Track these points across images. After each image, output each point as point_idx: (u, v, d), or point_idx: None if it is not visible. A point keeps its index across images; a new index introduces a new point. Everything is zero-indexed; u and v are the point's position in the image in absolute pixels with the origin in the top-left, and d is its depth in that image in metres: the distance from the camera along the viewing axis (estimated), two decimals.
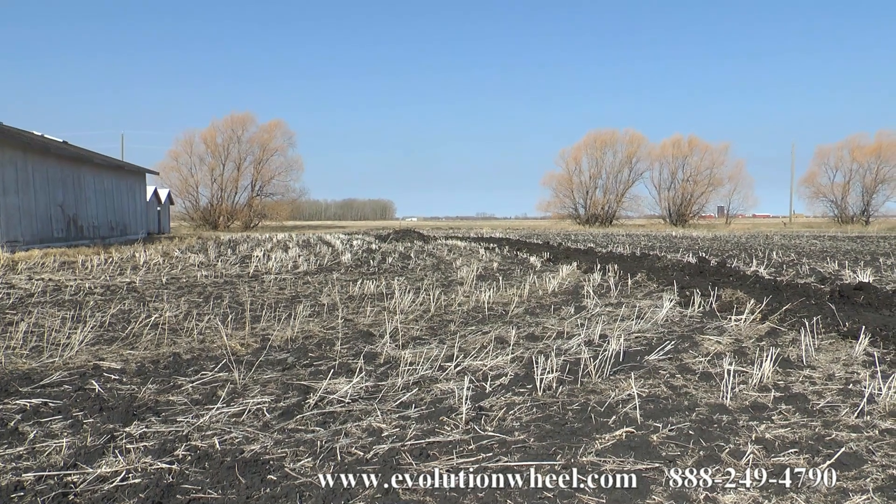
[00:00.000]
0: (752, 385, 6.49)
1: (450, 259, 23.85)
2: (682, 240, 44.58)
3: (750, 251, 28.66)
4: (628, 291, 13.99)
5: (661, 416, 5.51)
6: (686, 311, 10.85)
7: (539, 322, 10.17)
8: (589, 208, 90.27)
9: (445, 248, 30.57)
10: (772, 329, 9.32)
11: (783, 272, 18.38)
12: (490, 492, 4.06)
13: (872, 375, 6.70)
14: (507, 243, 36.33)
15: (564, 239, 44.61)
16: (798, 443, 5.01)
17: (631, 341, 8.53)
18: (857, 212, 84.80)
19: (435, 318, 10.71)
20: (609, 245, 34.90)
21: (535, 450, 4.76)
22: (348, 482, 4.18)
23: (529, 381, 6.53)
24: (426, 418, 5.46)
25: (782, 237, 48.51)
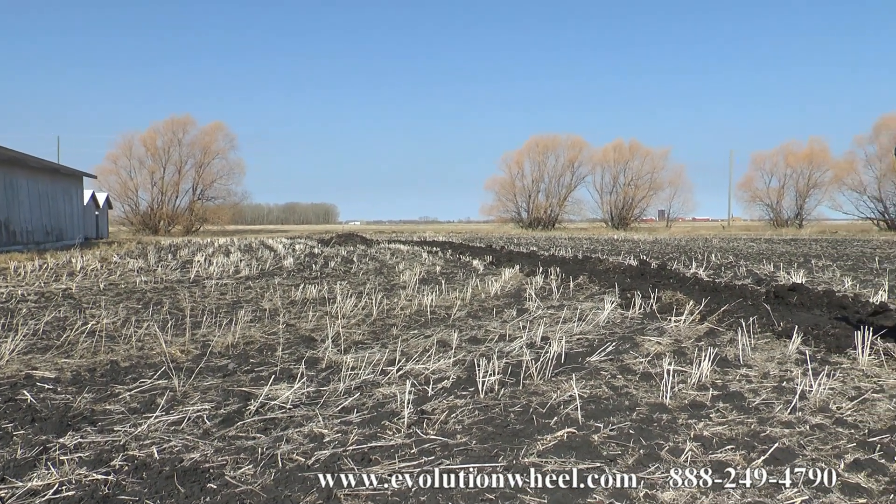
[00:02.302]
0: (690, 384, 6.60)
1: (393, 263, 23.81)
2: (624, 243, 45.14)
3: (690, 254, 29.12)
4: (570, 294, 14.11)
5: (602, 417, 5.57)
6: (627, 313, 10.98)
7: (481, 325, 10.21)
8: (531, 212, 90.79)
9: (388, 252, 30.50)
10: (710, 329, 9.49)
11: (721, 274, 18.72)
12: (432, 495, 4.06)
13: (804, 373, 6.87)
14: (450, 247, 36.37)
15: (507, 242, 44.84)
16: (734, 439, 5.11)
17: (573, 343, 8.60)
18: (791, 215, 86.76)
19: (377, 322, 10.68)
20: (551, 248, 35.17)
21: (477, 452, 4.77)
22: (289, 489, 4.15)
23: (471, 383, 6.54)
24: (368, 423, 5.44)
25: (721, 240, 49.35)
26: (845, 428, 5.42)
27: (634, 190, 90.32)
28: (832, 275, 18.37)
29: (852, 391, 6.47)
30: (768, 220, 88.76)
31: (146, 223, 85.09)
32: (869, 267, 21.39)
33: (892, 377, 6.99)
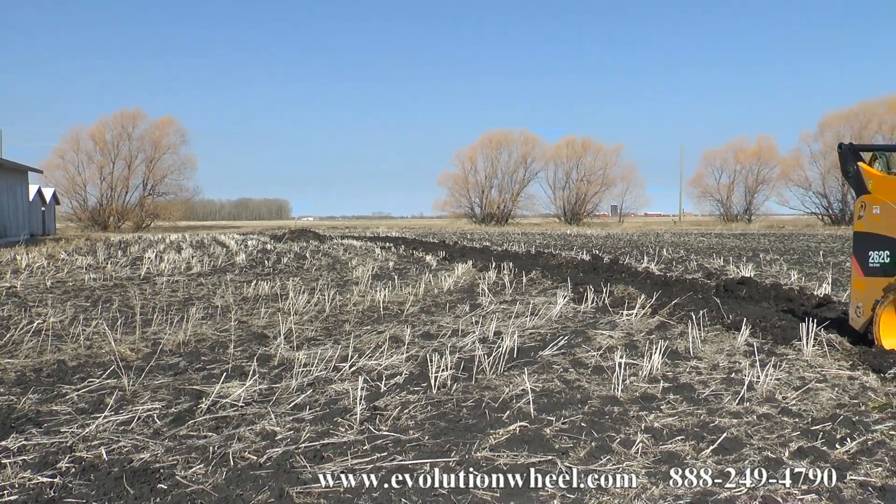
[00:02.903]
0: (642, 377, 6.69)
1: (345, 259, 23.73)
2: (577, 238, 45.49)
3: (641, 248, 29.46)
4: (523, 289, 14.20)
5: (554, 410, 5.62)
6: (579, 307, 11.07)
7: (434, 320, 10.23)
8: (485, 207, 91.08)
9: (341, 248, 30.38)
10: (661, 323, 9.61)
11: (673, 268, 18.97)
12: (385, 491, 4.07)
13: (752, 364, 6.99)
14: (404, 242, 36.34)
15: (460, 238, 44.94)
16: (684, 430, 5.20)
17: (525, 337, 8.66)
18: (740, 210, 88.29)
19: (330, 318, 10.64)
20: (505, 243, 35.31)
21: (430, 447, 4.79)
22: (241, 488, 4.12)
23: (424, 379, 6.56)
24: (321, 420, 5.43)
25: (672, 235, 49.99)
26: (790, 417, 5.55)
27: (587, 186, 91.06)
28: (779, 268, 18.73)
29: (797, 381, 6.61)
30: (718, 215, 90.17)
31: (95, 219, 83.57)
32: (814, 261, 21.83)
33: (834, 367, 7.16)
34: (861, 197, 8.57)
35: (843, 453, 4.76)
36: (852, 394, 6.25)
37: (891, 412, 5.66)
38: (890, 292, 7.82)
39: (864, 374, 6.92)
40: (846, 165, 8.93)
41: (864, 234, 8.43)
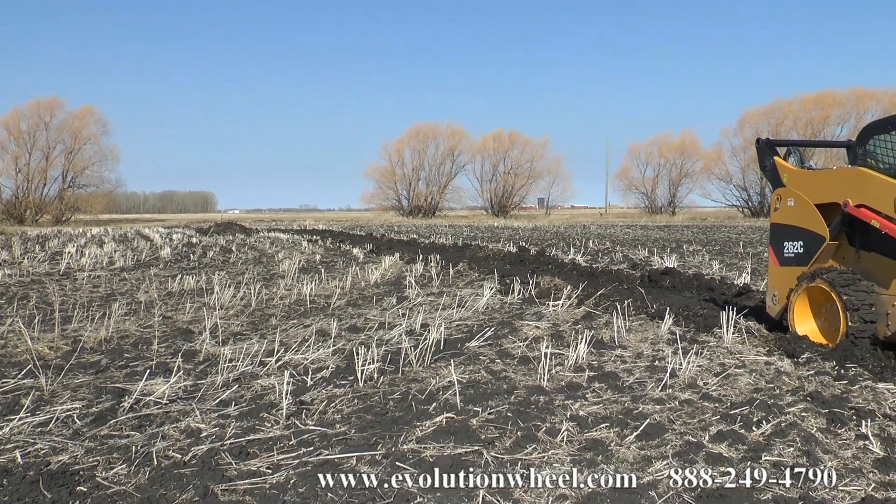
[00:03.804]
0: (568, 366, 6.78)
1: (272, 252, 23.48)
2: (504, 230, 45.81)
3: (568, 240, 29.82)
4: (450, 281, 14.25)
5: (480, 401, 5.66)
6: (506, 299, 11.16)
7: (361, 313, 10.20)
8: (412, 200, 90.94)
9: (268, 241, 30.04)
10: (587, 313, 9.75)
11: (599, 259, 19.26)
12: (311, 486, 4.05)
13: (675, 352, 7.14)
14: (331, 235, 36.13)
15: (388, 230, 44.82)
16: (609, 418, 5.30)
17: (452, 329, 8.70)
18: (664, 203, 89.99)
19: (256, 312, 10.53)
20: (432, 236, 35.38)
21: (357, 441, 4.78)
22: (165, 487, 4.05)
23: (351, 372, 6.53)
24: (246, 415, 5.37)
25: (598, 227, 50.72)
26: (711, 402, 5.71)
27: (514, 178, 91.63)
28: (702, 259, 19.17)
29: (718, 367, 6.80)
30: (643, 207, 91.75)
31: (10, 212, 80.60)
32: (734, 251, 22.43)
33: (752, 353, 7.38)
34: (777, 190, 8.85)
35: (759, 435, 4.92)
36: (768, 378, 6.46)
37: (803, 395, 5.87)
38: (803, 281, 8.09)
39: (780, 359, 7.16)
40: (763, 160, 9.21)
41: (779, 226, 8.71)
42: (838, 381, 6.32)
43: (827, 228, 7.95)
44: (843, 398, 5.78)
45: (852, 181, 7.76)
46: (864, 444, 4.75)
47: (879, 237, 7.45)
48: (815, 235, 8.12)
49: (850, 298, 7.44)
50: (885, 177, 7.41)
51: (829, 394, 5.90)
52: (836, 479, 4.17)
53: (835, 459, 4.49)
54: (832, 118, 70.52)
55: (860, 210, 7.53)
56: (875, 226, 7.33)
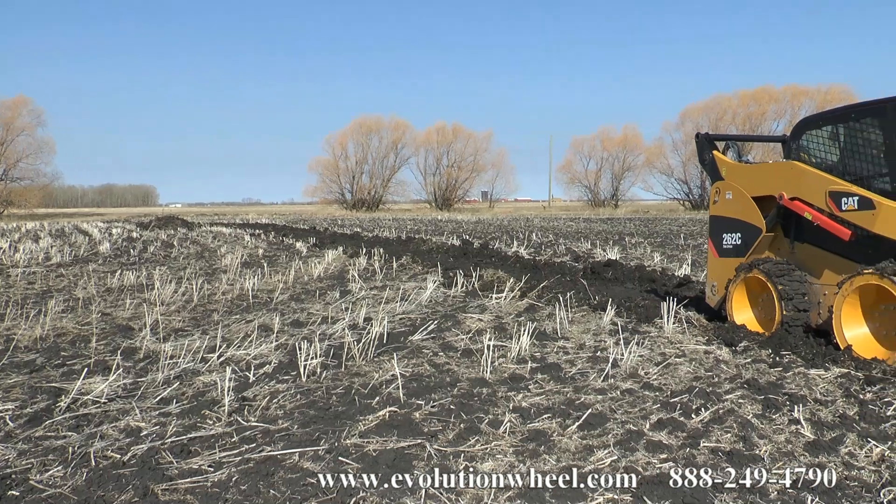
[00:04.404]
0: (511, 358, 6.82)
1: (214, 246, 23.19)
2: (448, 223, 45.84)
3: (511, 233, 29.96)
4: (394, 274, 14.23)
5: (424, 394, 5.67)
6: (450, 292, 11.18)
7: (304, 308, 10.14)
8: (356, 193, 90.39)
9: (210, 236, 29.66)
10: (530, 305, 9.82)
11: (542, 252, 19.39)
12: (253, 483, 4.01)
13: (617, 343, 7.24)
14: (274, 229, 35.78)
15: (331, 224, 44.58)
16: (551, 408, 5.35)
17: (395, 323, 8.69)
18: (607, 196, 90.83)
19: (198, 307, 10.40)
20: (376, 229, 35.27)
21: (300, 436, 4.75)
22: (103, 489, 3.97)
23: (294, 367, 6.49)
24: (188, 413, 5.30)
25: (542, 220, 51.00)
26: (651, 391, 5.81)
27: (458, 171, 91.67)
28: (644, 251, 19.43)
29: (659, 357, 6.91)
30: (587, 200, 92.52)
31: None
32: (675, 243, 22.78)
33: (692, 342, 7.52)
34: (716, 183, 9.02)
35: (698, 422, 5.02)
36: (707, 367, 6.59)
37: (740, 382, 6.01)
38: (741, 272, 8.27)
39: (718, 348, 7.31)
40: (703, 154, 9.39)
41: (718, 218, 8.88)
42: (774, 368, 6.49)
43: (763, 220, 8.14)
44: (777, 384, 5.93)
45: (787, 175, 7.95)
46: (797, 428, 4.89)
47: (812, 229, 7.66)
48: (752, 227, 8.30)
49: (784, 288, 7.64)
50: (817, 170, 7.62)
51: (765, 380, 6.05)
52: (770, 463, 4.29)
53: (769, 444, 4.61)
54: (769, 114, 71.99)
55: (794, 202, 7.73)
56: (808, 218, 7.53)
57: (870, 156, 7.31)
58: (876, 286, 6.74)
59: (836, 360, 6.62)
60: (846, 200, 7.14)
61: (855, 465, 4.30)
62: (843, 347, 6.92)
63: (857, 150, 7.45)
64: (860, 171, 7.35)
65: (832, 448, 4.51)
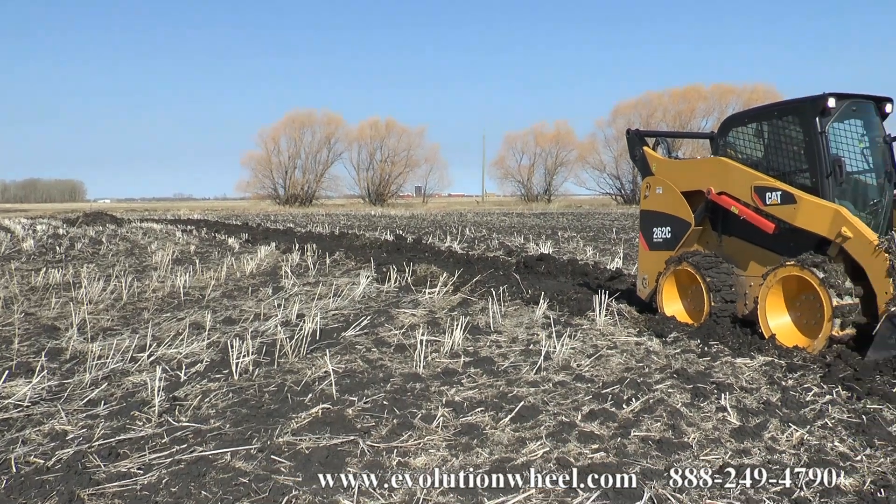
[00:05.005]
0: (444, 353, 6.85)
1: (145, 243, 22.74)
2: (381, 218, 45.71)
3: (445, 228, 30.02)
4: (327, 270, 14.14)
5: (357, 390, 5.65)
6: (383, 287, 11.16)
7: (237, 305, 10.02)
8: (288, 188, 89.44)
9: (141, 232, 29.06)
10: (464, 299, 9.84)
11: (475, 247, 19.46)
12: (184, 484, 3.95)
13: (549, 335, 7.31)
14: (206, 225, 35.27)
15: (264, 219, 44.09)
16: (484, 402, 5.39)
17: (329, 319, 8.64)
18: (540, 191, 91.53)
19: (128, 306, 10.20)
20: (309, 225, 35.02)
21: (232, 436, 4.69)
22: (24, 496, 3.86)
23: (226, 365, 6.41)
24: (117, 414, 5.19)
25: (475, 215, 51.19)
26: (584, 383, 5.89)
27: (391, 167, 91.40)
28: (576, 245, 19.64)
29: (591, 349, 7.01)
30: (520, 195, 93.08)
31: None
32: (608, 237, 23.09)
33: (623, 334, 7.64)
34: (646, 178, 9.19)
35: (629, 412, 5.11)
36: (638, 358, 6.70)
37: (670, 372, 6.13)
38: (671, 264, 8.44)
39: (649, 339, 7.45)
40: (633, 150, 9.56)
41: (649, 213, 9.04)
42: (702, 358, 6.64)
43: (692, 214, 8.33)
44: (706, 374, 6.07)
45: (714, 170, 8.14)
46: (724, 415, 5.02)
47: (739, 222, 7.86)
48: (682, 221, 8.47)
49: (713, 280, 7.84)
50: (743, 166, 7.84)
51: (694, 370, 6.19)
52: (698, 450, 4.39)
53: (698, 431, 4.73)
54: (698, 111, 73.48)
55: (721, 197, 7.92)
56: (735, 212, 7.73)
57: (791, 152, 7.54)
58: (797, 277, 6.97)
59: (761, 349, 6.84)
60: (770, 195, 7.36)
61: (777, 448, 4.45)
62: (767, 336, 7.16)
63: (779, 146, 7.67)
64: (783, 167, 7.58)
65: (756, 433, 4.65)
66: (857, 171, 7.41)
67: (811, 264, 6.80)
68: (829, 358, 6.43)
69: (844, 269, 6.82)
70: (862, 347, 6.47)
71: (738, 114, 8.56)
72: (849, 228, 6.60)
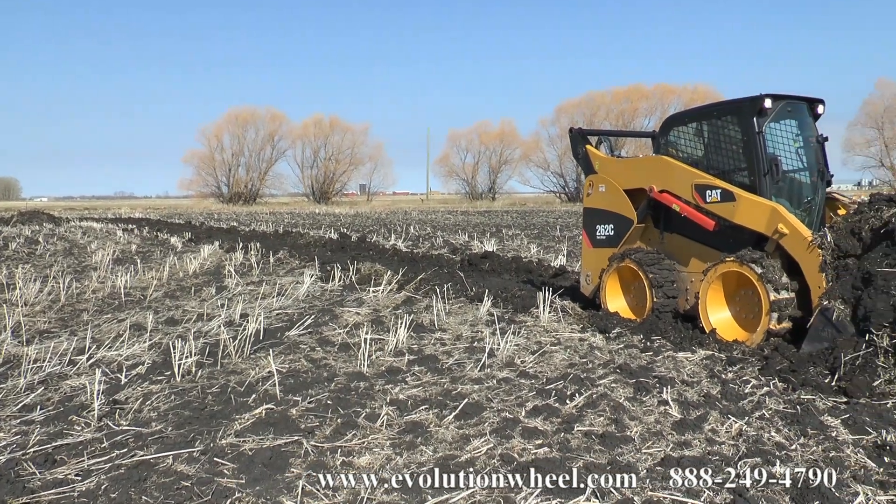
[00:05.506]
0: (388, 351, 6.83)
1: (84, 243, 22.27)
2: (325, 217, 45.46)
3: (390, 226, 29.95)
4: (270, 269, 14.01)
5: (301, 390, 5.61)
6: (327, 286, 11.09)
7: (179, 305, 9.87)
8: (232, 187, 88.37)
9: (80, 231, 28.45)
10: (408, 298, 9.83)
11: (420, 245, 19.45)
12: (124, 490, 3.88)
13: (493, 333, 7.33)
14: (148, 224, 34.70)
15: (207, 218, 43.52)
16: (428, 400, 5.39)
17: (273, 318, 8.56)
18: (485, 189, 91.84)
19: (66, 307, 9.99)
20: (253, 223, 34.66)
21: (174, 439, 4.62)
22: None
23: (168, 367, 6.31)
24: (53, 420, 5.08)
25: (420, 213, 51.15)
26: (528, 379, 5.93)
27: (335, 164, 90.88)
28: (521, 243, 19.77)
29: (534, 346, 7.05)
30: (464, 193, 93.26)
31: None
32: (552, 235, 23.27)
33: (567, 331, 7.71)
34: (589, 176, 9.29)
35: (573, 408, 5.16)
36: (582, 353, 6.77)
37: (613, 367, 6.21)
38: (614, 261, 8.55)
39: (593, 335, 7.53)
40: (576, 148, 9.65)
41: (592, 210, 9.14)
42: (645, 353, 6.74)
43: (635, 212, 8.44)
44: (648, 368, 6.17)
45: (656, 168, 8.27)
46: (665, 408, 5.10)
47: (680, 220, 8.01)
48: (625, 219, 8.59)
49: (655, 276, 7.96)
50: (684, 165, 7.98)
51: (637, 365, 6.27)
52: (640, 443, 4.45)
53: (640, 425, 4.79)
54: (641, 110, 74.60)
55: (663, 195, 8.05)
56: (676, 209, 7.85)
57: (730, 151, 7.70)
58: (737, 273, 7.12)
59: (702, 343, 6.98)
60: (710, 193, 7.50)
61: (717, 440, 4.54)
62: (708, 331, 7.30)
63: (719, 145, 7.83)
64: (722, 165, 7.73)
65: (697, 426, 4.74)
66: (792, 169, 7.60)
67: (750, 260, 6.95)
68: (766, 351, 6.61)
69: (781, 265, 6.99)
70: (797, 340, 6.64)
71: (679, 113, 8.71)
72: (785, 225, 6.77)
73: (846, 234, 6.62)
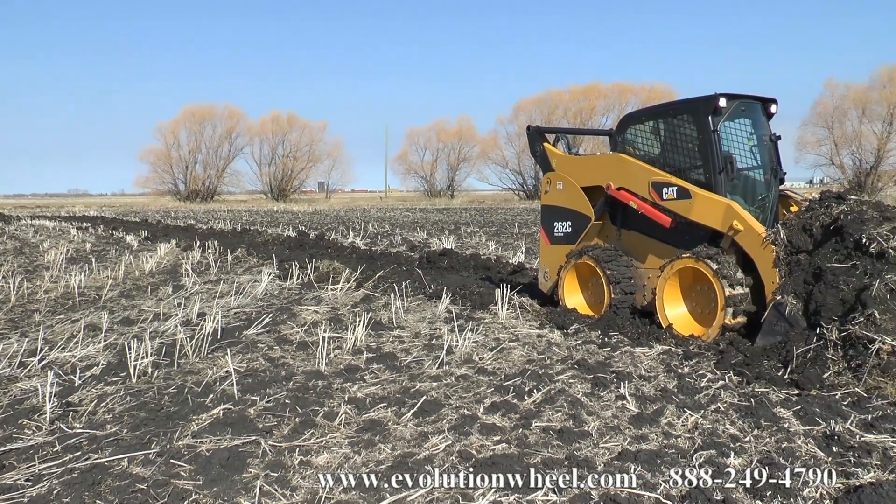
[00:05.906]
0: (346, 349, 6.81)
1: (36, 242, 21.88)
2: (284, 214, 45.17)
3: (348, 224, 29.85)
4: (228, 267, 13.89)
5: (258, 389, 5.57)
6: (285, 284, 11.02)
7: (135, 304, 9.74)
8: (189, 184, 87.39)
9: (31, 230, 27.95)
10: (366, 295, 9.80)
11: (378, 242, 19.42)
12: (77, 494, 3.81)
13: (452, 330, 7.34)
14: (103, 222, 34.21)
15: (164, 216, 43.00)
16: (387, 398, 5.38)
17: (230, 317, 8.49)
18: (443, 187, 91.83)
19: (17, 308, 9.80)
20: (210, 221, 34.29)
21: (129, 441, 4.56)
22: None
23: (123, 368, 6.22)
24: (3, 424, 4.99)
25: (378, 210, 51.03)
26: (486, 376, 5.95)
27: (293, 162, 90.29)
28: (479, 240, 19.81)
29: (493, 342, 7.07)
30: (423, 191, 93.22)
31: None
32: (510, 232, 23.35)
33: (525, 327, 7.74)
34: (547, 174, 9.34)
35: (531, 404, 5.19)
36: (540, 350, 6.81)
37: (571, 363, 6.25)
38: (572, 258, 8.60)
39: (551, 331, 7.57)
40: (534, 146, 9.70)
41: (550, 207, 9.19)
42: (602, 349, 6.79)
43: (592, 209, 8.51)
44: (606, 363, 6.21)
45: (613, 166, 8.34)
46: (623, 403, 5.15)
47: (637, 217, 8.08)
48: (582, 216, 8.65)
49: (612, 273, 8.03)
50: (640, 162, 8.05)
51: (594, 360, 6.32)
52: (598, 438, 4.49)
53: (598, 420, 4.84)
54: (598, 109, 75.06)
55: (620, 192, 8.12)
56: (633, 206, 7.93)
57: (686, 149, 7.79)
58: (693, 269, 7.20)
59: (659, 338, 7.05)
60: (666, 190, 7.59)
61: (673, 433, 4.59)
62: (665, 326, 7.38)
63: (675, 143, 7.91)
64: (678, 163, 7.82)
65: (654, 420, 4.79)
66: (746, 167, 7.72)
67: (705, 256, 7.04)
68: (721, 345, 6.70)
69: (736, 261, 7.09)
70: (751, 334, 6.74)
71: (636, 112, 8.79)
72: (739, 222, 6.87)
73: (798, 231, 6.73)
